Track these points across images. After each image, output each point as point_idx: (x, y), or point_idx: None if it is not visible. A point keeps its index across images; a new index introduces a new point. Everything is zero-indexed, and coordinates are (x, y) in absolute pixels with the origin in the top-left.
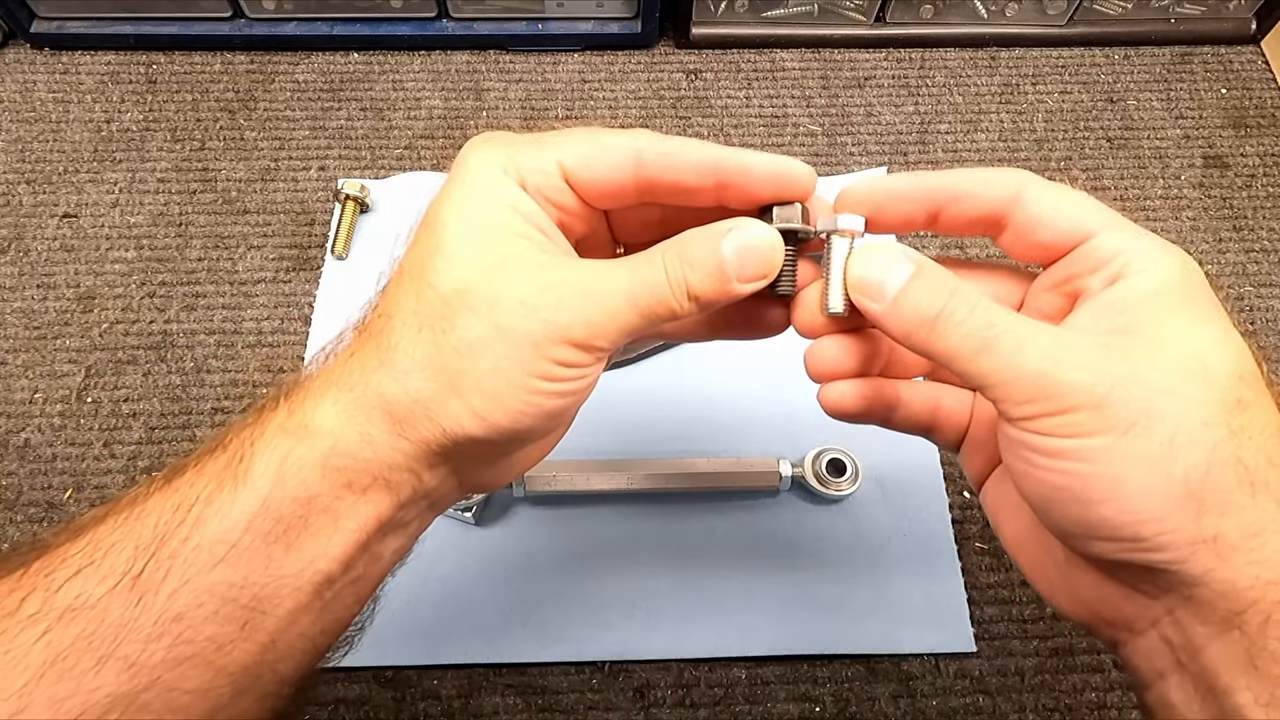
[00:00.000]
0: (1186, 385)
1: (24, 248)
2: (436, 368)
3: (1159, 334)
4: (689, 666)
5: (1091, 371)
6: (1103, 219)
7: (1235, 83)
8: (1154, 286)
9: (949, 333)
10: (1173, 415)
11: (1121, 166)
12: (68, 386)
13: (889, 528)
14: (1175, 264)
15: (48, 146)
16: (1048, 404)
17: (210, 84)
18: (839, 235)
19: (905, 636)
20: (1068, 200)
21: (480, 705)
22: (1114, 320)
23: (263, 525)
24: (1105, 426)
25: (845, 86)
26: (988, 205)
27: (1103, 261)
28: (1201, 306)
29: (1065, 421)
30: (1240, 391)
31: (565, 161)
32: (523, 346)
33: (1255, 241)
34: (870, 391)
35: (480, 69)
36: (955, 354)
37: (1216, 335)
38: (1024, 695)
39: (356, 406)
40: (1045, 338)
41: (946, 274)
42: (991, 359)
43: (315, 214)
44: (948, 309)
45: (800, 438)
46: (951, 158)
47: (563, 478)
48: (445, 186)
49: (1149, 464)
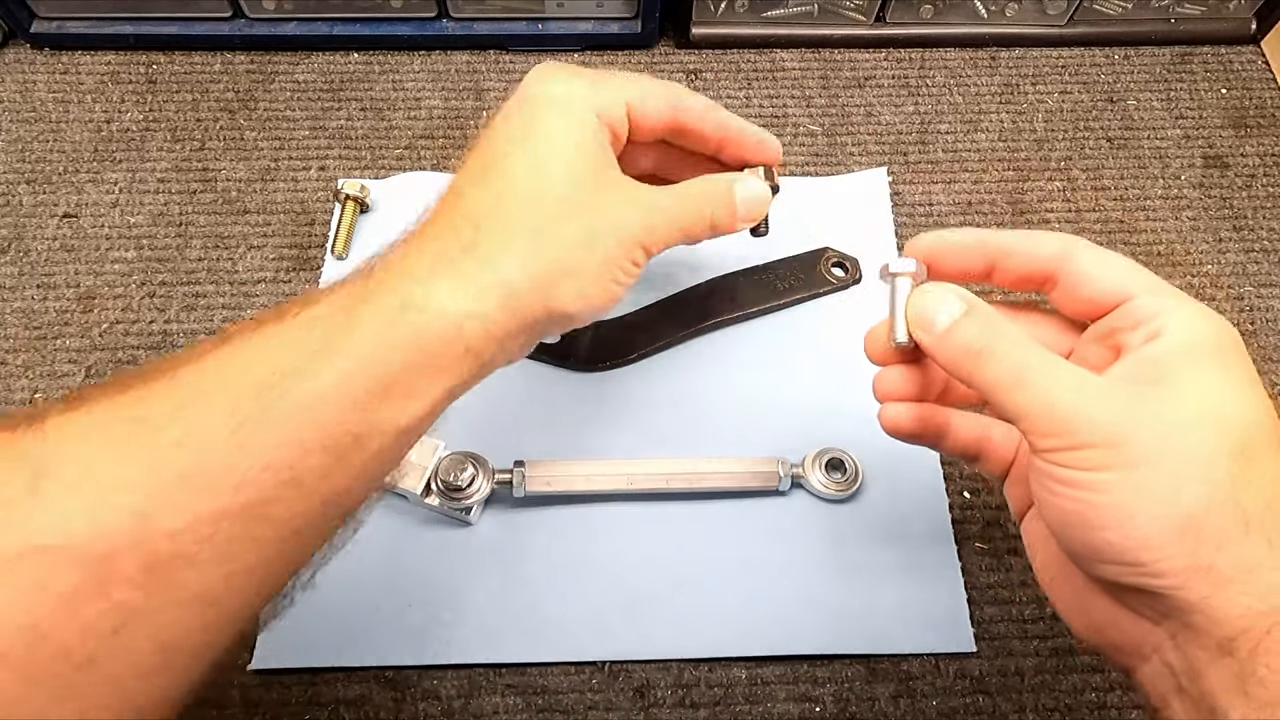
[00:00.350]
0: (1197, 430)
1: (24, 248)
2: (553, 257)
3: (1183, 385)
4: (689, 666)
5: (1111, 412)
6: (1144, 281)
7: (1235, 83)
8: (1187, 345)
9: (989, 366)
10: (1179, 455)
11: (1121, 166)
12: (68, 386)
13: (889, 528)
14: (1212, 327)
15: (48, 146)
16: (1069, 438)
17: (210, 84)
18: (903, 276)
19: (905, 636)
20: (1112, 262)
21: (480, 705)
22: (1146, 372)
23: (370, 381)
24: (1117, 462)
25: (845, 86)
26: (1039, 263)
27: (1142, 319)
28: (1231, 366)
29: (1082, 456)
30: (1250, 441)
31: (630, 99)
32: (621, 245)
33: (1255, 241)
34: (924, 415)
35: (480, 69)
36: (993, 386)
37: (1239, 391)
38: (1024, 695)
39: (471, 286)
40: (1073, 379)
41: (995, 314)
42: (1024, 393)
43: (315, 214)
44: (990, 345)
45: (800, 438)
46: (951, 158)
47: (563, 478)
48: (527, 109)
49: (1153, 497)
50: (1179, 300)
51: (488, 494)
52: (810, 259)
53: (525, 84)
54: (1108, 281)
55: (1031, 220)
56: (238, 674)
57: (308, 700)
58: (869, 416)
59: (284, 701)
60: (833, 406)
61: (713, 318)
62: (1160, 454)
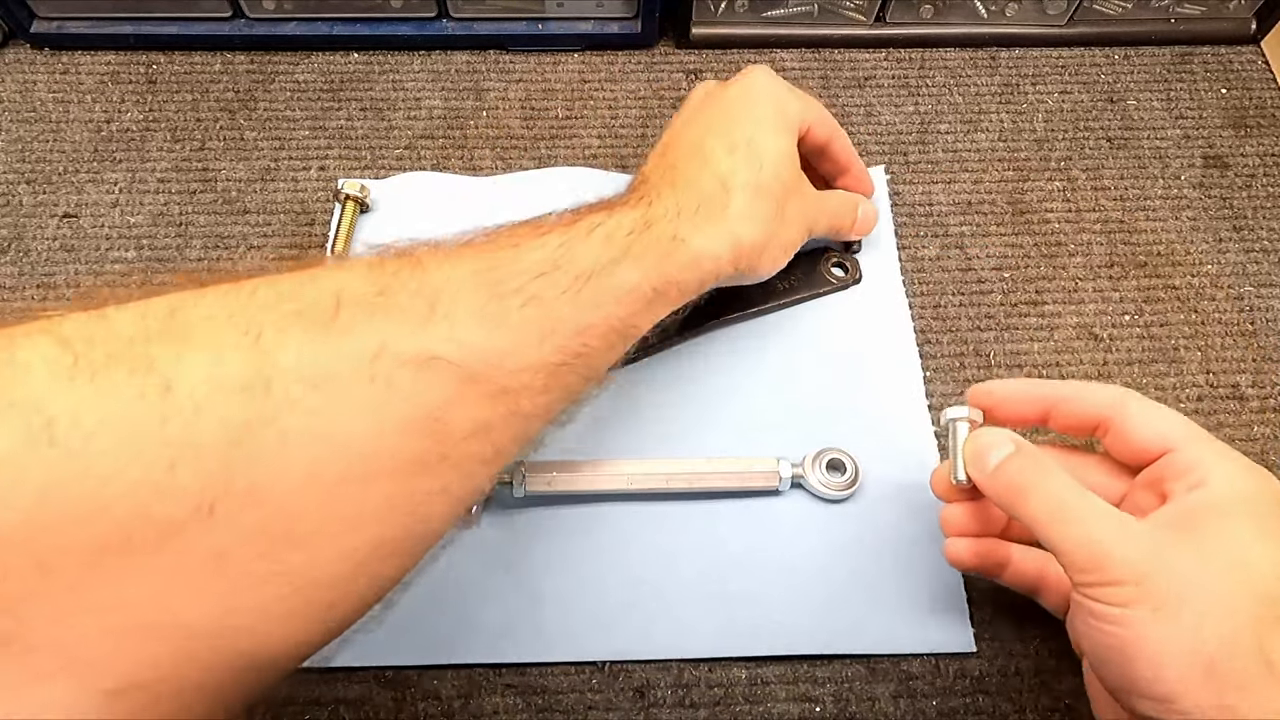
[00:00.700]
0: (1224, 578)
1: (24, 248)
2: (773, 229)
3: (1215, 534)
4: (689, 666)
5: (1141, 553)
6: (1187, 433)
7: (1235, 83)
8: (1225, 497)
9: (1032, 501)
10: (1206, 598)
11: (1121, 166)
12: None
13: (889, 528)
14: (1251, 483)
15: (48, 146)
16: (1103, 574)
17: (210, 84)
18: (961, 421)
19: (905, 636)
20: (1159, 415)
21: (480, 705)
22: (1184, 519)
23: (650, 290)
24: (1147, 599)
25: (845, 86)
26: (1091, 413)
27: (1184, 470)
28: (1266, 521)
29: (1114, 592)
30: (1274, 597)
31: (811, 120)
32: (801, 230)
33: (1255, 241)
34: (984, 550)
35: (480, 69)
36: (1035, 519)
37: (1269, 547)
38: (1024, 695)
39: (719, 234)
40: (1110, 520)
41: (1041, 454)
42: (1063, 528)
43: (315, 214)
44: (1033, 481)
45: (800, 438)
46: (951, 158)
47: (562, 477)
48: (760, 107)
49: (1178, 635)
50: (1221, 454)
51: (487, 494)
52: (810, 259)
53: (753, 83)
54: (1154, 432)
55: (1031, 220)
56: None
57: (308, 700)
58: (869, 416)
59: (284, 701)
60: (833, 406)
61: (713, 318)
62: (1188, 595)
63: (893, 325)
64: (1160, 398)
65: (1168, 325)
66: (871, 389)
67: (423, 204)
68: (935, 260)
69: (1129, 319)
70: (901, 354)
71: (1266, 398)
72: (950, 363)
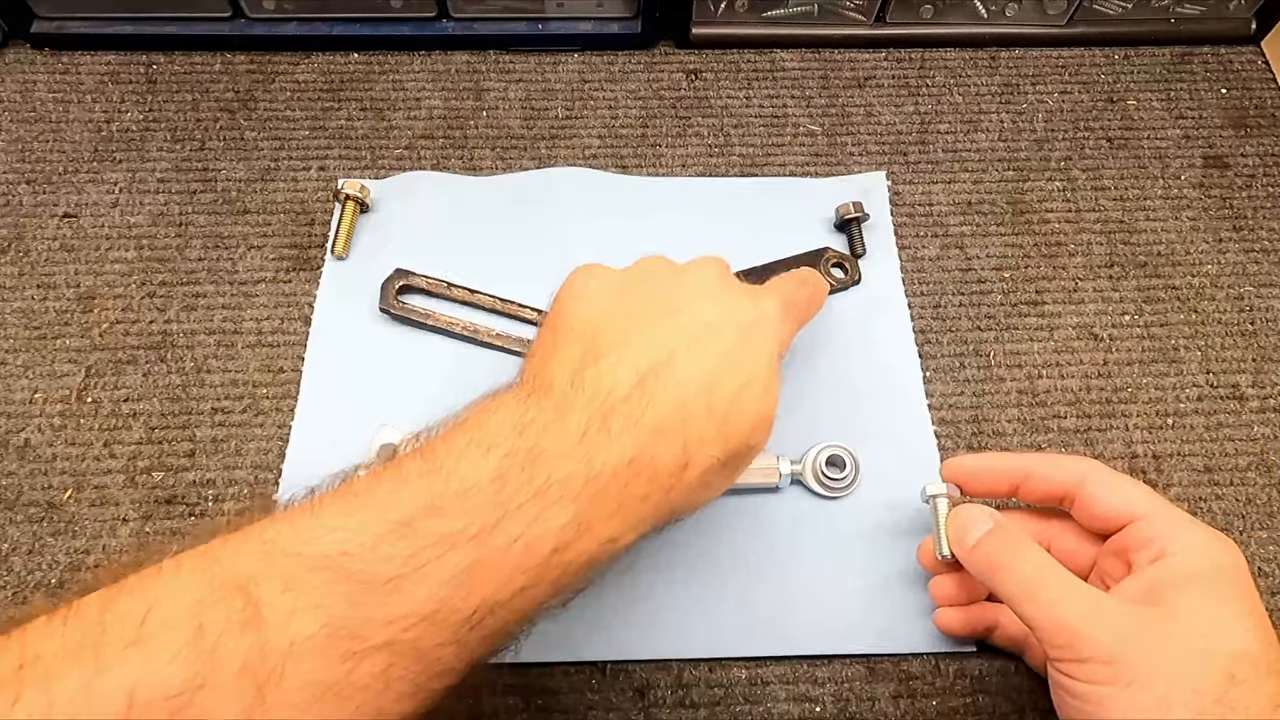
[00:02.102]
0: (1188, 654)
1: (24, 248)
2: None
3: (1178, 609)
4: (689, 666)
5: (1111, 632)
6: (1150, 505)
7: (1235, 83)
8: (1186, 569)
9: (1007, 579)
10: (1170, 679)
11: (1121, 166)
12: (68, 386)
13: (889, 526)
14: (1210, 553)
15: (48, 146)
16: (1074, 652)
17: (210, 84)
18: (941, 498)
19: (905, 636)
20: (1121, 487)
21: (480, 705)
22: (1148, 592)
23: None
24: (1116, 679)
25: (845, 86)
26: (1056, 485)
27: (1146, 542)
28: (1225, 592)
29: (1086, 669)
30: (1236, 669)
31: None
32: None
33: (1255, 241)
34: (972, 618)
35: (480, 69)
36: (1010, 598)
37: (1229, 618)
38: (1024, 695)
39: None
40: (1080, 599)
41: (1018, 532)
42: (1034, 608)
43: (315, 214)
44: (1009, 561)
45: (799, 435)
46: (951, 158)
47: None
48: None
49: (1146, 714)
50: (1182, 525)
51: None
52: (810, 259)
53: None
54: (1118, 503)
55: (1031, 220)
56: None
57: None
58: (869, 416)
59: None
60: (832, 407)
61: None
62: (1153, 676)
63: (893, 325)
64: (1160, 398)
65: (1168, 325)
66: (871, 389)
67: (423, 204)
68: (935, 260)
69: (1129, 319)
70: (901, 354)
71: (1266, 398)
72: (950, 363)
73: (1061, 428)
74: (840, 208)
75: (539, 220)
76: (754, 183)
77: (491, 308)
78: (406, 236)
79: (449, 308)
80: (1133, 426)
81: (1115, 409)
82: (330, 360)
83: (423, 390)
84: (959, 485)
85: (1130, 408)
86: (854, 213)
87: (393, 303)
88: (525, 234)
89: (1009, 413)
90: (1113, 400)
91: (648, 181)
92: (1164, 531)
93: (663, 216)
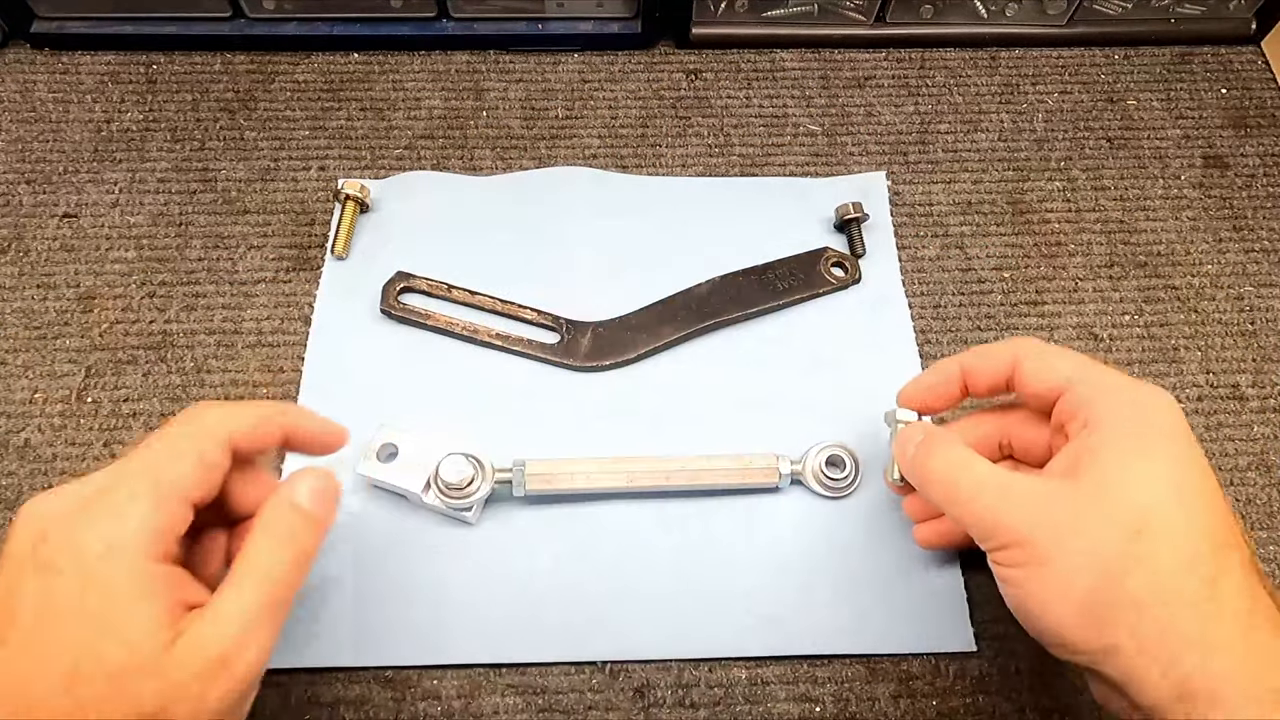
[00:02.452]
0: (1093, 522)
1: (24, 248)
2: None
3: (1091, 476)
4: (689, 666)
5: (1021, 514)
6: (1077, 372)
7: (1235, 83)
8: (1107, 431)
9: (932, 487)
10: (1073, 550)
11: (1121, 166)
12: (68, 386)
13: (889, 526)
14: (1136, 411)
15: (48, 146)
16: (995, 541)
17: (210, 84)
18: (895, 425)
19: (905, 636)
20: (1051, 358)
21: (480, 705)
22: (1071, 463)
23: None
24: (1030, 559)
25: (845, 86)
26: (994, 374)
27: (1075, 411)
28: (1145, 447)
29: (1007, 554)
30: (1142, 522)
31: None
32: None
33: (1255, 241)
34: (945, 528)
35: (480, 69)
36: (939, 503)
37: (1140, 473)
38: (1024, 695)
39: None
40: (994, 488)
41: (940, 438)
42: (956, 506)
43: (315, 214)
44: (930, 467)
45: (800, 435)
46: (951, 158)
47: (562, 477)
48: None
49: (1058, 589)
50: (1108, 388)
51: (488, 493)
52: (810, 259)
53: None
54: (1048, 377)
55: (1031, 220)
56: None
57: (308, 700)
58: (868, 415)
59: (284, 701)
60: (832, 406)
61: (713, 318)
62: (1058, 549)
63: (893, 325)
64: None
65: (1168, 325)
66: (871, 389)
67: (423, 204)
68: (935, 260)
69: (1129, 319)
70: (901, 354)
71: (1266, 398)
72: None
73: None
74: (840, 208)
75: (539, 220)
76: (754, 183)
77: (492, 308)
78: (406, 236)
79: (449, 308)
80: None
81: None
82: (330, 360)
83: (423, 391)
84: (920, 409)
85: None
86: (854, 213)
87: (393, 303)
88: (525, 234)
89: None
90: None
91: (648, 181)
92: (1090, 398)
93: (663, 216)
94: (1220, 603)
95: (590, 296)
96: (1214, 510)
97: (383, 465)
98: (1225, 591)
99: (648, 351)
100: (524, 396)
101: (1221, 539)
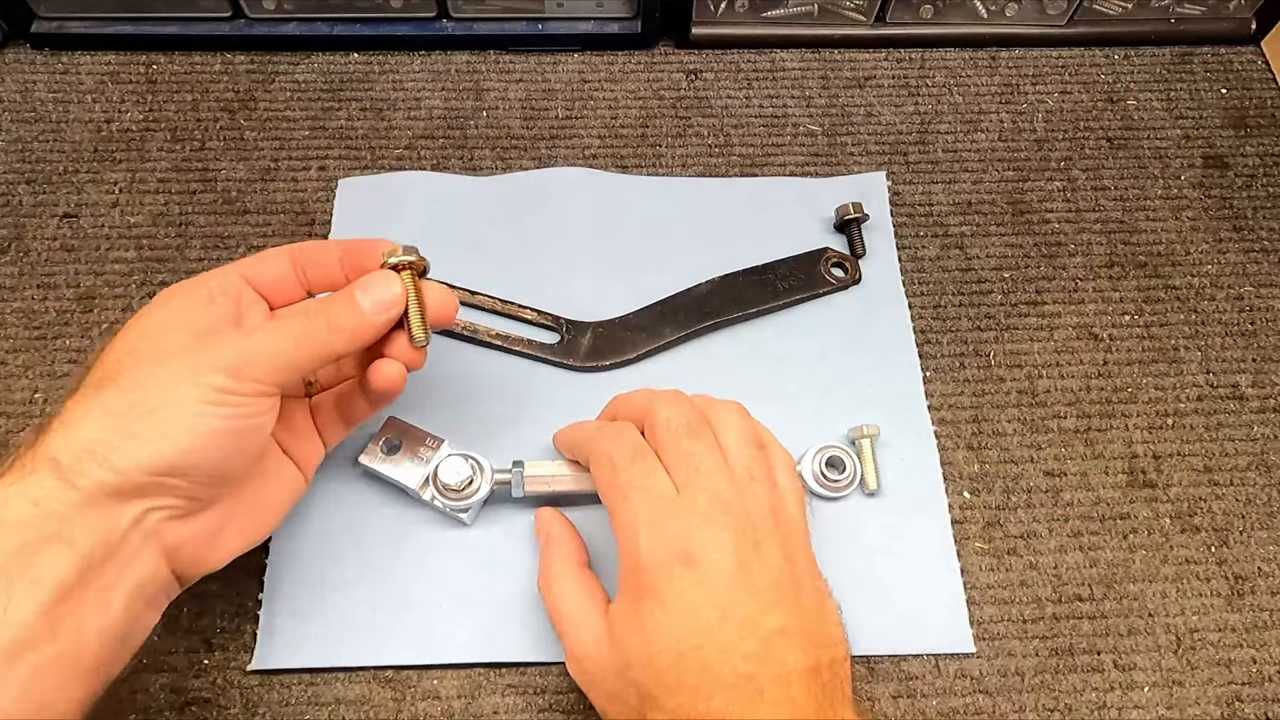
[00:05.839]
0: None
1: (24, 248)
2: (104, 410)
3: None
4: None
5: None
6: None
7: (1235, 83)
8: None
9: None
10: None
11: (1121, 166)
12: (68, 386)
13: (888, 527)
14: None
15: (48, 146)
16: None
17: (210, 84)
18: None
19: (905, 636)
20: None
21: (480, 705)
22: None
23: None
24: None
25: (845, 86)
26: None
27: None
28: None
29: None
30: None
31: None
32: (180, 372)
33: (1255, 241)
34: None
35: (480, 69)
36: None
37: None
38: (1024, 695)
39: (20, 472)
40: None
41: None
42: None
43: (315, 214)
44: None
45: (799, 435)
46: (951, 158)
47: (562, 477)
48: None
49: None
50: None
51: (487, 494)
52: (810, 259)
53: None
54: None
55: (1031, 220)
56: (238, 674)
57: (308, 700)
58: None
59: (284, 701)
60: (832, 406)
61: (713, 318)
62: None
63: (893, 325)
64: (1160, 398)
65: (1168, 325)
66: (871, 389)
67: (423, 204)
68: (935, 260)
69: (1129, 319)
70: (901, 354)
71: (1266, 398)
72: (950, 363)
73: (1061, 428)
74: (840, 208)
75: (539, 220)
76: (754, 183)
77: (491, 308)
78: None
79: None
80: (1133, 426)
81: (1115, 409)
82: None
83: (422, 390)
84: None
85: (1130, 408)
86: (854, 213)
87: None
88: (525, 234)
89: (1009, 413)
90: (1113, 400)
91: (648, 181)
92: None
93: (663, 216)
94: None
95: (590, 296)
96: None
97: (384, 458)
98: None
99: (648, 351)
100: (524, 396)
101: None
